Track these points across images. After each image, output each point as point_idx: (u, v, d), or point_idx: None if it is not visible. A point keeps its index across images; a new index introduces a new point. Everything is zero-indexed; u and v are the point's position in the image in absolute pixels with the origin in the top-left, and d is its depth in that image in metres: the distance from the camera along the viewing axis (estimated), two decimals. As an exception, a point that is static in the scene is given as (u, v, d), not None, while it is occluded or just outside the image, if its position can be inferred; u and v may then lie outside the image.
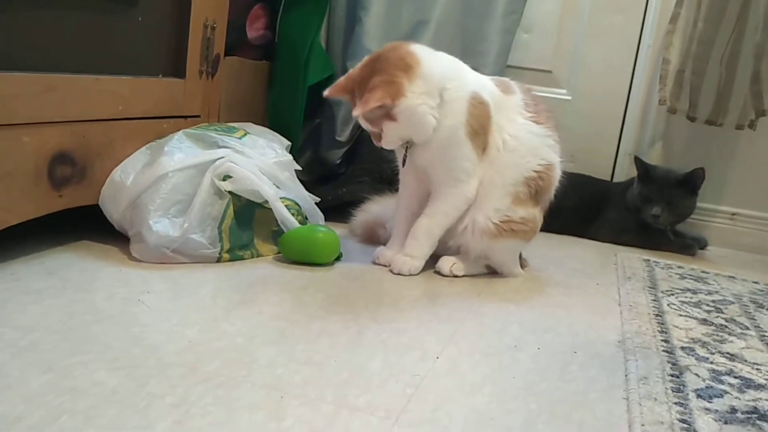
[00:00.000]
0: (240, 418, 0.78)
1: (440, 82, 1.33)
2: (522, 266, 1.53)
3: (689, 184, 1.94)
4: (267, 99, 1.90)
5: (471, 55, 2.00)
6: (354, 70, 1.37)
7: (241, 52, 1.78)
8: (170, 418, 0.76)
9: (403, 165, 1.42)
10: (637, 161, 1.98)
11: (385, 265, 1.43)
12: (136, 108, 1.37)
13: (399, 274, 1.39)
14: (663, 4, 2.10)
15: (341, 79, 1.39)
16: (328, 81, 1.96)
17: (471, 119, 1.35)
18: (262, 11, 1.83)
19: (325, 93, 1.39)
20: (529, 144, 1.40)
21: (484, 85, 1.41)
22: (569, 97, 2.22)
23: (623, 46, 2.17)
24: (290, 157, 1.51)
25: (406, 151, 1.40)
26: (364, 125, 1.37)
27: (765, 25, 1.93)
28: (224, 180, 1.32)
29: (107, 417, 0.75)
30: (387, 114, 1.31)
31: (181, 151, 1.33)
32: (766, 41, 1.93)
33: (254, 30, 1.82)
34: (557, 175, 1.45)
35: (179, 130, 1.41)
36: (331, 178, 1.91)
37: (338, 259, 1.43)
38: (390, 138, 1.35)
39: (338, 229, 1.60)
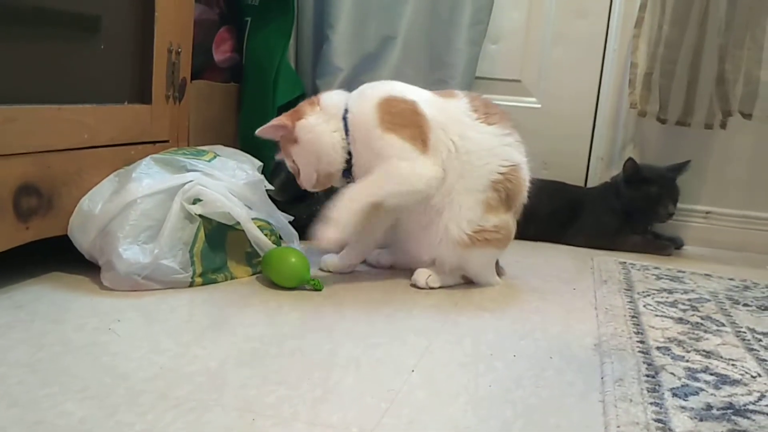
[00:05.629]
0: (210, 442, 0.77)
1: (340, 109, 1.40)
2: (499, 274, 1.53)
3: (678, 176, 2.00)
4: (237, 121, 1.90)
5: (439, 68, 2.02)
6: None
7: (209, 75, 1.78)
8: (139, 447, 0.75)
9: None
10: (632, 163, 1.99)
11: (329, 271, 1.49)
12: (102, 136, 1.37)
13: (320, 246, 1.33)
14: (626, 9, 2.12)
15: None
16: (299, 100, 1.98)
17: (385, 116, 1.35)
18: (228, 34, 1.84)
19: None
20: (483, 145, 1.39)
21: (411, 90, 1.42)
22: (539, 105, 2.23)
23: (590, 52, 2.19)
24: (261, 177, 1.51)
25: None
26: (290, 166, 1.46)
27: (727, 27, 1.96)
28: (194, 203, 1.32)
29: (74, 449, 0.74)
30: (294, 140, 1.41)
31: (149, 177, 1.32)
32: (728, 43, 1.96)
33: (221, 53, 1.83)
34: (525, 175, 1.44)
35: (148, 155, 1.40)
36: (306, 197, 1.91)
37: (316, 288, 1.36)
38: (301, 166, 1.42)
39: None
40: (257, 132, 1.45)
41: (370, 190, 1.34)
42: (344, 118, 1.39)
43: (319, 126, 1.40)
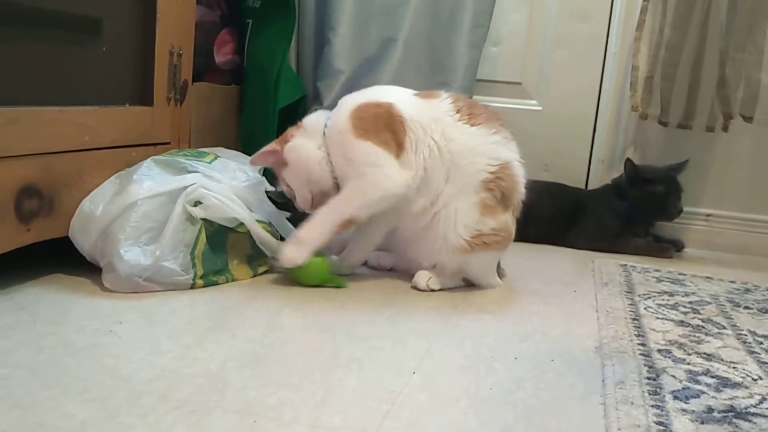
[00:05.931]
0: (212, 444, 0.77)
1: (320, 125, 1.44)
2: (500, 276, 1.53)
3: (678, 174, 2.01)
4: (238, 123, 1.90)
5: (440, 71, 2.02)
6: None
7: (210, 77, 1.78)
8: (140, 448, 0.75)
9: None
10: (630, 164, 1.99)
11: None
12: (103, 138, 1.37)
13: (281, 265, 1.37)
14: (627, 12, 2.13)
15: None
16: (300, 102, 1.98)
17: (357, 122, 1.36)
18: (230, 36, 1.84)
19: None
20: (467, 145, 1.38)
21: (390, 93, 1.44)
22: (540, 108, 2.24)
23: (590, 55, 2.19)
24: (262, 179, 1.51)
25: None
26: (286, 191, 1.48)
27: (727, 31, 1.96)
28: (196, 206, 1.32)
29: (75, 450, 0.74)
30: (284, 164, 1.43)
31: (150, 179, 1.33)
32: (729, 46, 1.96)
33: (222, 55, 1.83)
34: (519, 172, 1.43)
35: (149, 157, 1.40)
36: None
37: (339, 286, 1.40)
38: (294, 188, 1.44)
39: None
40: (251, 161, 1.47)
41: (338, 210, 1.36)
42: (325, 133, 1.42)
43: (303, 145, 1.43)
